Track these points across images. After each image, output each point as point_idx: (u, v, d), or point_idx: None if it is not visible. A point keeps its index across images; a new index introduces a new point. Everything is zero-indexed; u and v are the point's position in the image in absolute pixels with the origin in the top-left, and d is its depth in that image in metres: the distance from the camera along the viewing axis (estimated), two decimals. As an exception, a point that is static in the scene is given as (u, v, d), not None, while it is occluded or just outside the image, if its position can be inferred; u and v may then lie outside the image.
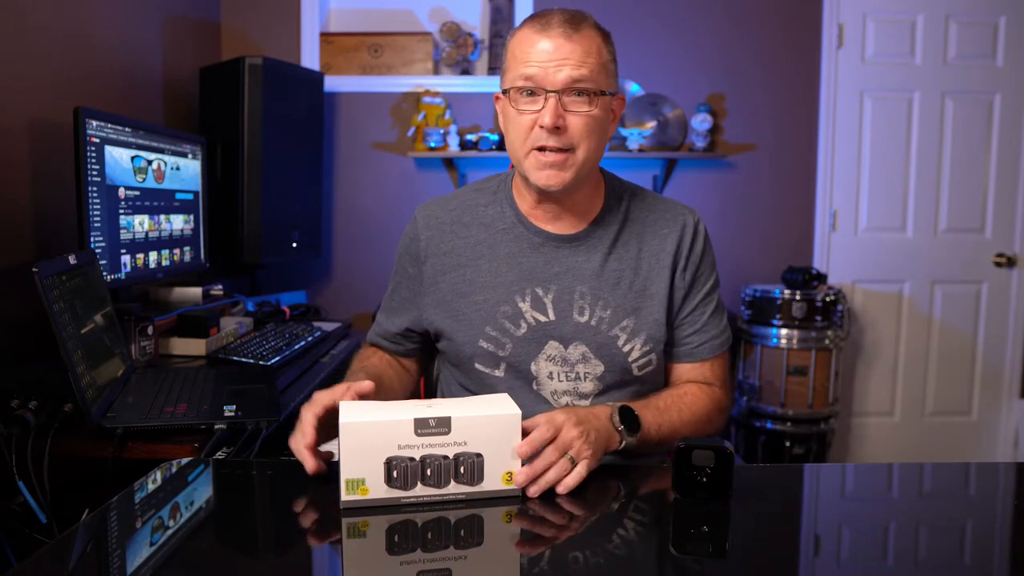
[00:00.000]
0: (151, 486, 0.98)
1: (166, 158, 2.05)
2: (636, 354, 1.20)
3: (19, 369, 1.67)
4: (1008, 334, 3.31)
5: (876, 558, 0.85)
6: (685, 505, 0.92)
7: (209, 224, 2.32)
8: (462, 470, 0.90)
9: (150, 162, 1.96)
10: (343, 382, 1.12)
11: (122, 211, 1.82)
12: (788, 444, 2.95)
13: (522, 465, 0.93)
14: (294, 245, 2.80)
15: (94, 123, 1.70)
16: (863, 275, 3.28)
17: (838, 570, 0.83)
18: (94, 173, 1.70)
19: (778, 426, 2.95)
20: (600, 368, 1.20)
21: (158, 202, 2.01)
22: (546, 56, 1.10)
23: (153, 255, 1.99)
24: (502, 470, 0.92)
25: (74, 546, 0.82)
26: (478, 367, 1.23)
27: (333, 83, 3.08)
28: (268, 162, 2.60)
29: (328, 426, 0.99)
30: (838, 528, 0.94)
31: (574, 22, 1.11)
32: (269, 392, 1.52)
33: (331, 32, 3.18)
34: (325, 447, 1.00)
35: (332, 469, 0.97)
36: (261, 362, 1.82)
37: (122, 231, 1.83)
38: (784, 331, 2.92)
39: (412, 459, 0.89)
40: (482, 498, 0.91)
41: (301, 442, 0.96)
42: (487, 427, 0.91)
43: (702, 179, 3.21)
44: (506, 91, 1.16)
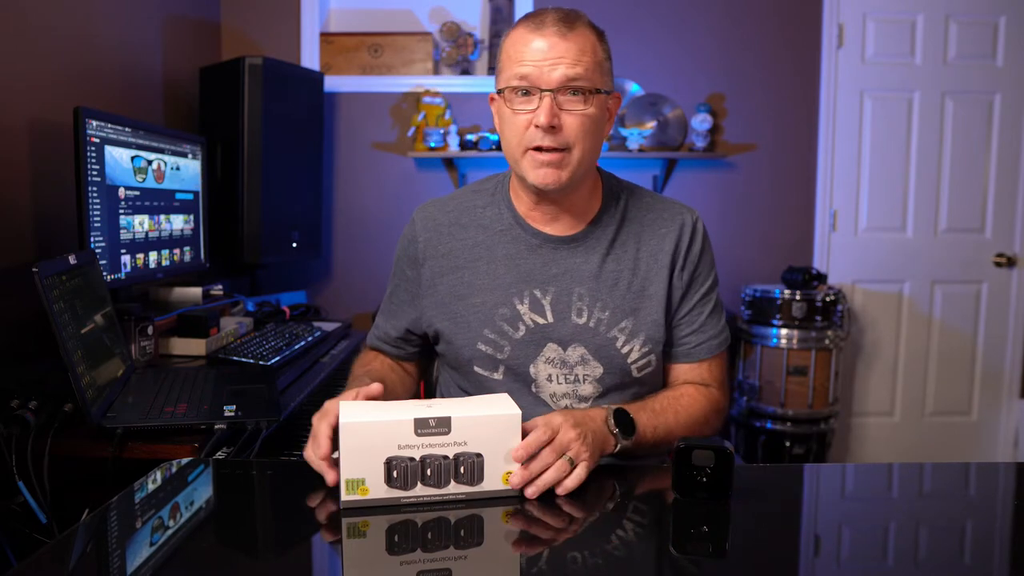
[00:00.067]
0: (151, 486, 0.98)
1: (166, 158, 2.05)
2: (635, 355, 1.20)
3: (19, 369, 1.67)
4: (1008, 334, 3.31)
5: (876, 558, 0.85)
6: (685, 505, 0.92)
7: (209, 224, 2.32)
8: (462, 470, 0.90)
9: (150, 162, 1.96)
10: (349, 388, 1.12)
11: (122, 211, 1.82)
12: (788, 444, 2.95)
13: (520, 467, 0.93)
14: (294, 245, 2.80)
15: (94, 123, 1.70)
16: (863, 275, 3.28)
17: (838, 570, 0.83)
18: (94, 173, 1.70)
19: (778, 426, 2.95)
20: (599, 370, 1.20)
21: (158, 202, 2.01)
22: (541, 55, 1.09)
23: (153, 255, 1.99)
24: (502, 470, 0.92)
25: (74, 546, 0.82)
26: (477, 370, 1.22)
27: (333, 83, 3.08)
28: (268, 162, 2.60)
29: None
30: (838, 528, 0.94)
31: (568, 21, 1.11)
32: (269, 392, 1.52)
33: (331, 32, 3.18)
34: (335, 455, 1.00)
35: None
36: (261, 362, 1.81)
37: (122, 231, 1.83)
38: (784, 331, 2.92)
39: (412, 459, 0.89)
40: (482, 498, 0.91)
41: (317, 453, 0.95)
42: (487, 427, 0.91)
43: (702, 179, 3.21)
44: (501, 91, 1.15)
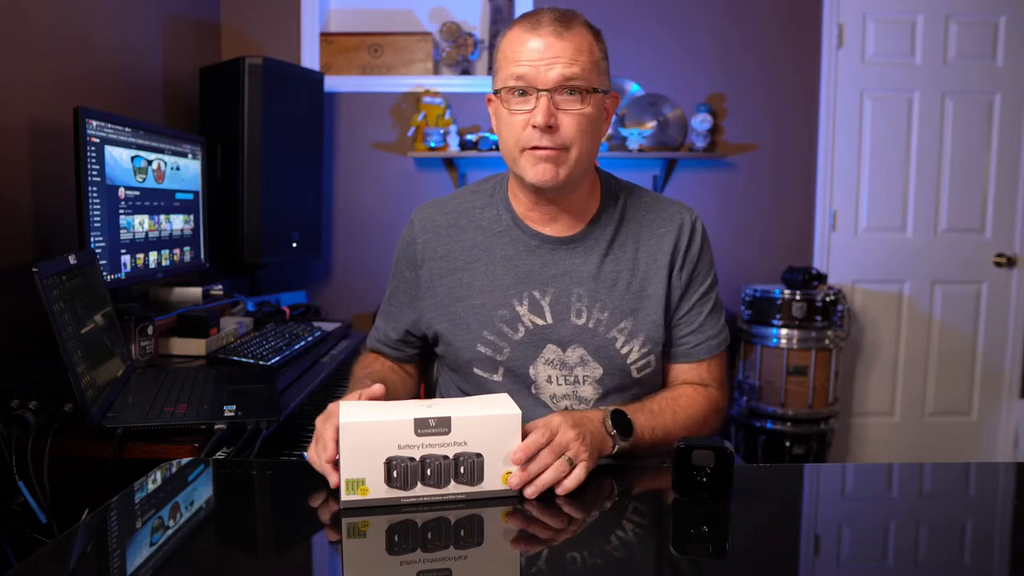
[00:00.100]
0: (151, 486, 0.98)
1: (166, 158, 2.05)
2: (635, 356, 1.20)
3: (19, 369, 1.67)
4: (1008, 334, 3.31)
5: (876, 558, 0.85)
6: (685, 505, 0.92)
7: (209, 224, 2.32)
8: (462, 470, 0.90)
9: (150, 162, 1.96)
10: (351, 390, 1.12)
11: (122, 211, 1.82)
12: (788, 444, 2.95)
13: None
14: (294, 245, 2.80)
15: (94, 123, 1.70)
16: (863, 275, 3.28)
17: (838, 570, 0.83)
18: (94, 173, 1.70)
19: (778, 426, 2.95)
20: (599, 371, 1.20)
21: (158, 202, 2.01)
22: (537, 55, 1.09)
23: (153, 255, 1.99)
24: (502, 470, 0.92)
25: (74, 546, 0.82)
26: (476, 372, 1.22)
27: (333, 83, 3.08)
28: (268, 162, 2.60)
29: None
30: (838, 528, 0.94)
31: (564, 20, 1.10)
32: (269, 392, 1.52)
33: (331, 32, 3.18)
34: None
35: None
36: (261, 362, 1.81)
37: (122, 231, 1.83)
38: (784, 331, 2.92)
39: (412, 459, 0.89)
40: (482, 498, 0.91)
41: (323, 456, 0.95)
42: (487, 427, 0.91)
43: (702, 179, 3.21)
44: (498, 92, 1.14)
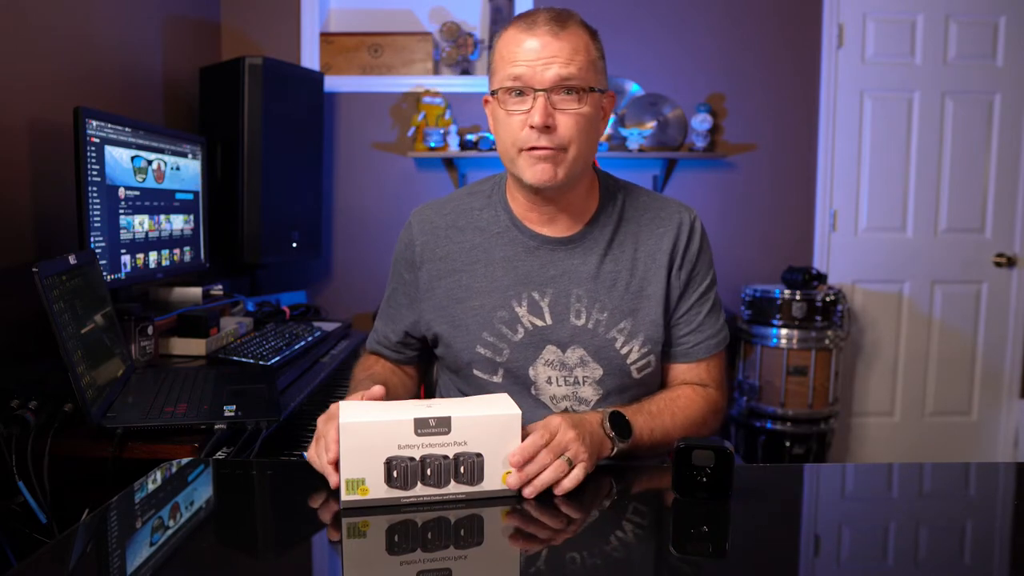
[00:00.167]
0: (151, 486, 0.98)
1: (166, 158, 2.05)
2: (635, 356, 1.20)
3: (19, 369, 1.67)
4: (1008, 334, 3.31)
5: (876, 558, 0.85)
6: (685, 505, 0.92)
7: (209, 224, 2.32)
8: (462, 470, 0.90)
9: (150, 162, 1.96)
10: (352, 392, 1.12)
11: (122, 211, 1.82)
12: (788, 444, 2.95)
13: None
14: (294, 245, 2.80)
15: (94, 123, 1.70)
16: (863, 275, 3.28)
17: (838, 570, 0.83)
18: (94, 173, 1.70)
19: (778, 426, 2.95)
20: (599, 371, 1.20)
21: (158, 202, 2.01)
22: (534, 55, 1.09)
23: (153, 255, 1.99)
24: (502, 470, 0.92)
25: (74, 546, 0.82)
26: (476, 373, 1.22)
27: (333, 83, 3.08)
28: (268, 162, 2.60)
29: None
30: (838, 528, 0.94)
31: (560, 20, 1.10)
32: (269, 392, 1.52)
33: (331, 32, 3.18)
34: None
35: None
36: (261, 362, 1.81)
37: (122, 231, 1.83)
38: (784, 331, 2.92)
39: (412, 459, 0.89)
40: (482, 498, 0.91)
41: (324, 457, 0.94)
42: (487, 427, 0.91)
43: (702, 179, 3.21)
44: (494, 93, 1.14)
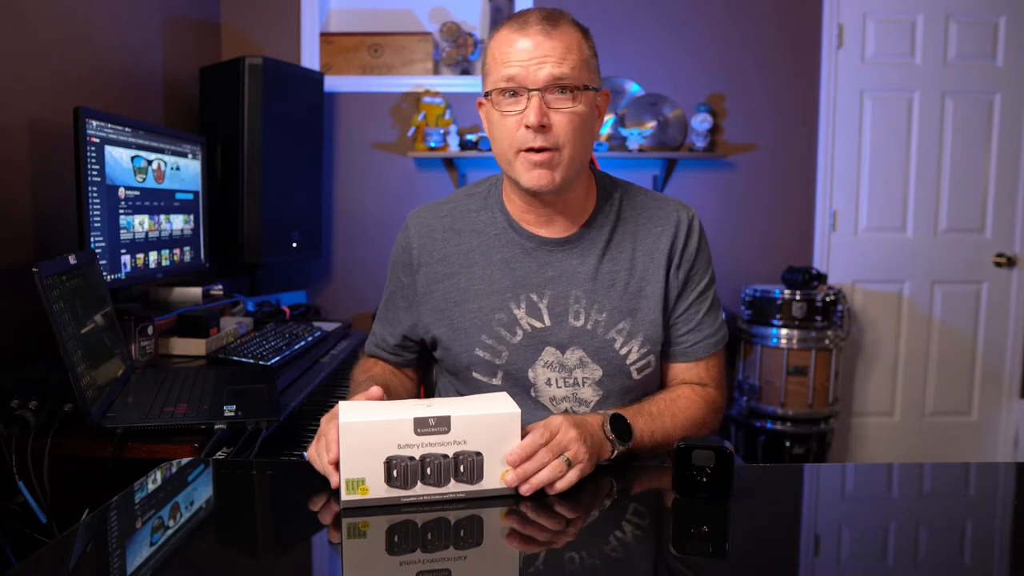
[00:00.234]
0: (151, 486, 0.98)
1: (166, 158, 2.05)
2: (634, 356, 1.20)
3: (19, 369, 1.67)
4: (1008, 334, 3.31)
5: (876, 558, 0.85)
6: (685, 505, 0.92)
7: (209, 224, 2.32)
8: (462, 469, 0.90)
9: (150, 162, 1.96)
10: (352, 394, 1.11)
11: (122, 211, 1.82)
12: (788, 444, 2.95)
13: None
14: (294, 245, 2.80)
15: (94, 123, 1.70)
16: (863, 275, 3.28)
17: (838, 570, 0.83)
18: (94, 173, 1.70)
19: (778, 426, 2.95)
20: (598, 372, 1.20)
21: (158, 202, 2.01)
22: (526, 55, 1.09)
23: (153, 255, 1.99)
24: (502, 468, 0.92)
25: (74, 546, 0.82)
26: (475, 376, 1.22)
27: (333, 83, 3.08)
28: (268, 162, 2.60)
29: None
30: (838, 528, 0.94)
31: (552, 19, 1.10)
32: (269, 392, 1.52)
33: (331, 32, 3.18)
34: None
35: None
36: (261, 362, 1.81)
37: (122, 231, 1.83)
38: (784, 331, 2.92)
39: (412, 458, 0.89)
40: (482, 496, 0.91)
41: (325, 457, 0.94)
42: (486, 425, 0.91)
43: (702, 179, 3.21)
44: (488, 94, 1.14)
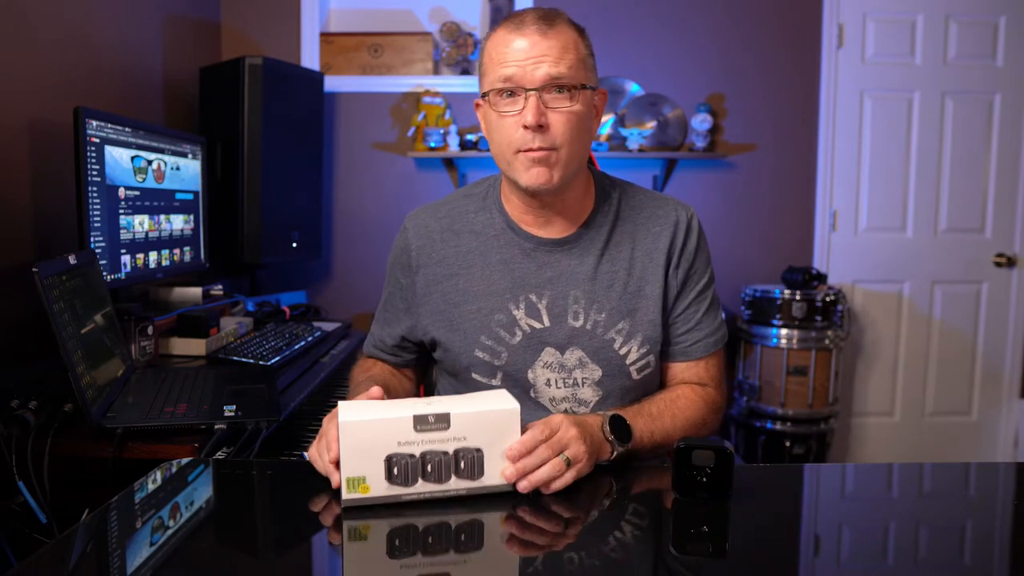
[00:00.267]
0: (151, 486, 0.97)
1: (166, 158, 2.05)
2: (634, 356, 1.20)
3: (19, 369, 1.67)
4: (1008, 334, 3.31)
5: (876, 558, 0.85)
6: (685, 505, 0.92)
7: (209, 224, 2.32)
8: (462, 465, 0.90)
9: (150, 162, 1.96)
10: (352, 395, 1.11)
11: (122, 211, 1.82)
12: (788, 444, 2.95)
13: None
14: (294, 245, 2.80)
15: (94, 123, 1.70)
16: (863, 275, 3.28)
17: (838, 570, 0.83)
18: (94, 173, 1.70)
19: (778, 426, 2.95)
20: (598, 373, 1.20)
21: (158, 202, 2.01)
22: (523, 55, 1.08)
23: (153, 255, 1.99)
24: (502, 465, 0.92)
25: (74, 546, 0.82)
26: (475, 377, 1.22)
27: (333, 83, 3.08)
28: (268, 162, 2.60)
29: None
30: (838, 528, 0.94)
31: (548, 19, 1.10)
32: (269, 392, 1.52)
33: (331, 32, 3.18)
34: None
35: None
36: (261, 362, 1.81)
37: (122, 231, 1.83)
38: (784, 331, 2.92)
39: (412, 456, 0.89)
40: (483, 493, 0.91)
41: (326, 457, 0.94)
42: (486, 422, 0.91)
43: (702, 179, 3.21)
44: (485, 95, 1.14)
